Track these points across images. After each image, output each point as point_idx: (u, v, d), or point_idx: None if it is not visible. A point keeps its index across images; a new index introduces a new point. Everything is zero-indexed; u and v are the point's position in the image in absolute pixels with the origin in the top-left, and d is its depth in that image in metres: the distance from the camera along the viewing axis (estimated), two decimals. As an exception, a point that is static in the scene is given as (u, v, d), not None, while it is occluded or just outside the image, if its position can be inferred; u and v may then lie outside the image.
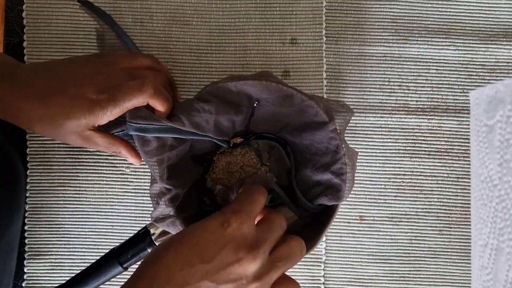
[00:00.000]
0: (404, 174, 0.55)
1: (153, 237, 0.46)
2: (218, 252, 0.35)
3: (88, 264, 0.47)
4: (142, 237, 0.47)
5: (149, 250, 0.46)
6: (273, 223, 0.38)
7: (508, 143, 0.27)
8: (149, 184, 0.46)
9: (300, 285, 0.55)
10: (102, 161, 0.55)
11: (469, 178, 0.55)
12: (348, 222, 0.55)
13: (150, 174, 0.55)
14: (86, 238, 0.55)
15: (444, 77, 0.56)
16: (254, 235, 0.36)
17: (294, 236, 0.39)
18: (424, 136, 0.55)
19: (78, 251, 0.55)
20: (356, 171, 0.55)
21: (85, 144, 0.46)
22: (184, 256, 0.34)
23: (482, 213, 0.29)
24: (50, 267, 0.55)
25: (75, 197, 0.55)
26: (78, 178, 0.55)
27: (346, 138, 0.55)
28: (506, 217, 0.27)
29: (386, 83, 0.55)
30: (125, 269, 0.47)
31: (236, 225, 0.36)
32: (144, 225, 0.48)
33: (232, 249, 0.35)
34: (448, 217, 0.55)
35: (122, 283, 0.54)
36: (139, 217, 0.55)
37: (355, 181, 0.55)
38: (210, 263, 0.34)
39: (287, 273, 0.39)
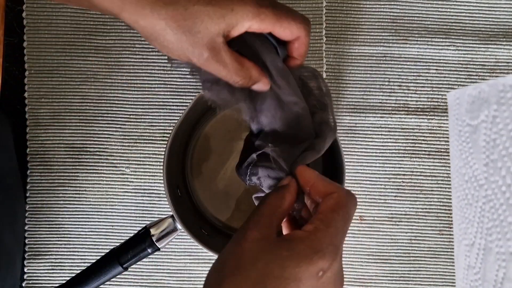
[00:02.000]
0: (404, 174, 0.55)
1: (153, 238, 0.46)
2: None
3: (88, 264, 0.47)
4: (142, 237, 0.47)
5: (149, 250, 0.46)
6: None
7: (495, 143, 0.27)
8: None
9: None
10: (102, 161, 0.55)
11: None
12: (348, 222, 0.55)
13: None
14: (86, 238, 0.55)
15: (444, 77, 0.56)
16: (341, 270, 0.32)
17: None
18: (424, 136, 0.55)
19: (78, 251, 0.55)
20: (356, 171, 0.55)
21: (208, 61, 0.35)
22: None
23: (467, 213, 0.29)
24: (50, 267, 0.55)
25: (75, 197, 0.55)
26: (78, 178, 0.55)
27: (346, 139, 0.55)
28: (494, 217, 0.27)
29: (386, 83, 0.55)
30: (125, 269, 0.47)
31: (331, 271, 0.31)
32: (144, 225, 0.48)
33: None
34: (448, 217, 0.55)
35: (122, 283, 0.55)
36: (139, 217, 0.55)
37: (355, 181, 0.55)
38: None
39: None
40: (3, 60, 0.53)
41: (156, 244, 0.46)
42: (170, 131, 0.46)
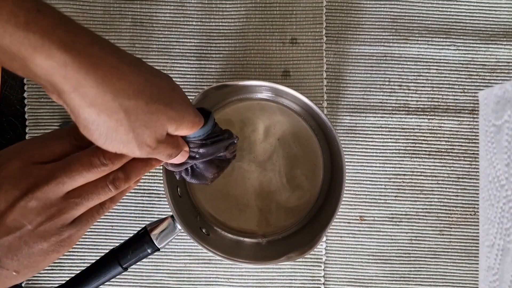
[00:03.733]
0: (404, 174, 0.55)
1: (153, 238, 0.46)
2: None
3: (88, 264, 0.47)
4: (141, 237, 0.47)
5: (149, 251, 0.46)
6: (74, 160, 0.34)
7: None
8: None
9: (301, 285, 0.55)
10: (102, 161, 0.55)
11: (470, 178, 0.55)
12: (349, 223, 0.55)
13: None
14: (86, 238, 0.55)
15: (445, 77, 0.55)
16: (37, 173, 0.32)
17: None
18: (424, 136, 0.55)
19: (77, 251, 0.55)
20: (356, 171, 0.55)
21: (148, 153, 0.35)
22: None
23: (489, 214, 0.29)
24: (50, 267, 0.55)
25: (75, 197, 0.55)
26: (78, 178, 0.55)
27: (346, 139, 0.55)
28: None
29: (387, 83, 0.55)
30: (125, 269, 0.47)
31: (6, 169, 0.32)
32: (144, 225, 0.48)
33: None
34: (449, 217, 0.55)
35: (122, 283, 0.55)
36: (139, 217, 0.55)
37: (355, 181, 0.55)
38: None
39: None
40: (3, 60, 0.53)
41: (156, 244, 0.46)
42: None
